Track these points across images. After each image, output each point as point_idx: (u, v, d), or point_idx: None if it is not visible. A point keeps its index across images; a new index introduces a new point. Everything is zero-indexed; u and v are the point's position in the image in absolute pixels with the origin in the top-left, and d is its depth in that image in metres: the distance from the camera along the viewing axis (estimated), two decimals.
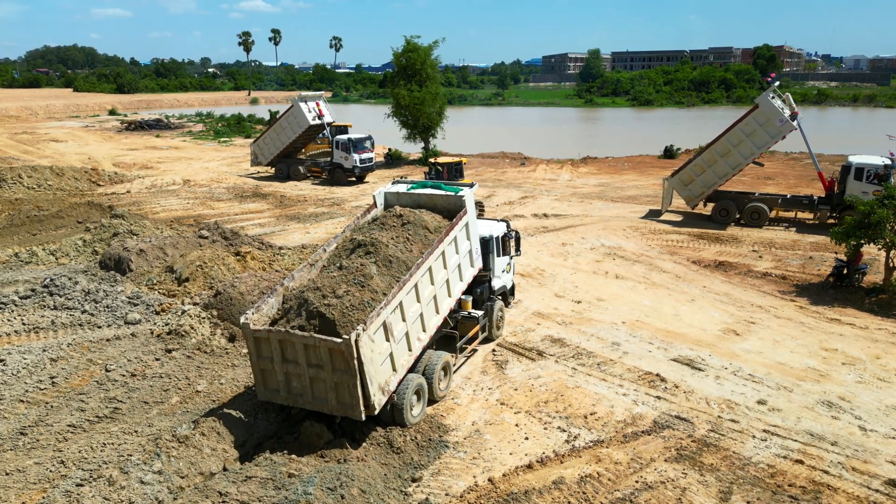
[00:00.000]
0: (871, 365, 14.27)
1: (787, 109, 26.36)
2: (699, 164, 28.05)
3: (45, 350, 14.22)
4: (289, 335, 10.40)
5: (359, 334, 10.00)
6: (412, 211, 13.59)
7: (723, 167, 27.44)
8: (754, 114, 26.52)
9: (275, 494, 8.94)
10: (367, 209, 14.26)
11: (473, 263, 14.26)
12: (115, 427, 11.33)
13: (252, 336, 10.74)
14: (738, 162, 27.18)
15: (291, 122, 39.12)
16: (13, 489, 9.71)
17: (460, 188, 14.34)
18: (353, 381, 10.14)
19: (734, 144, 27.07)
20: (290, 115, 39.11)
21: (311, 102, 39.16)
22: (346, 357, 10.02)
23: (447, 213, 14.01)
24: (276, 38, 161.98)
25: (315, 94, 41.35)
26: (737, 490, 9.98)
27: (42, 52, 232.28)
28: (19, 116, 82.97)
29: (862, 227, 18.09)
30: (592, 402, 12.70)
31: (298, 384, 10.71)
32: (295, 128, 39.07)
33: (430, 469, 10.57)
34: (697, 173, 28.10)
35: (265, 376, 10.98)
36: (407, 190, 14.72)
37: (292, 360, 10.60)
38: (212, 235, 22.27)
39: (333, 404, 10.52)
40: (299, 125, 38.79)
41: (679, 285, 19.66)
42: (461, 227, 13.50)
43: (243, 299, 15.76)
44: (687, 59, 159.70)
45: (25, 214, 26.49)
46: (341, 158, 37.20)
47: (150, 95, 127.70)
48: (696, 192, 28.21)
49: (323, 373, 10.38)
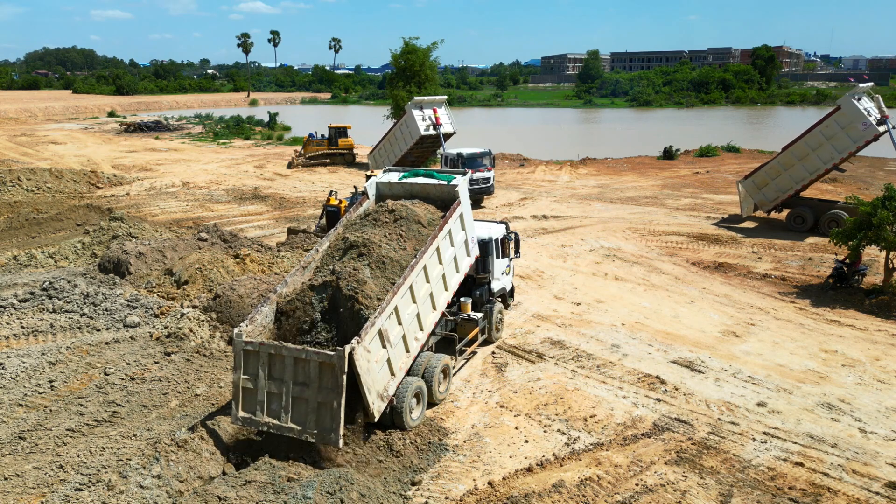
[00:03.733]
0: (870, 367, 14.26)
1: (875, 112, 24.96)
2: (775, 166, 26.38)
3: (43, 353, 14.19)
4: (280, 348, 10.17)
5: (353, 347, 9.78)
6: (404, 205, 13.16)
7: (800, 172, 25.61)
8: (835, 116, 24.92)
9: (274, 499, 8.92)
10: (359, 202, 13.91)
11: (469, 253, 13.94)
12: (114, 431, 11.30)
13: (241, 349, 10.39)
14: (816, 167, 25.32)
15: (404, 131, 35.07)
16: (12, 494, 9.69)
17: (453, 176, 13.91)
18: (338, 400, 9.79)
19: (813, 148, 25.25)
20: (402, 122, 35.08)
21: (426, 109, 34.40)
22: (337, 372, 9.73)
23: (440, 203, 13.62)
24: (275, 39, 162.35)
25: (432, 99, 36.07)
26: (737, 493, 9.97)
27: (41, 53, 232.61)
28: (18, 118, 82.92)
29: (862, 229, 18.09)
30: (592, 404, 12.68)
31: (278, 406, 10.28)
32: (407, 138, 34.84)
33: (430, 472, 10.55)
34: (772, 177, 26.39)
35: (244, 396, 10.49)
36: (399, 179, 14.23)
37: (278, 378, 10.24)
38: (211, 238, 22.24)
39: (311, 429, 10.03)
40: (411, 135, 34.51)
41: (678, 287, 19.66)
42: (455, 218, 13.10)
43: (242, 302, 15.74)
44: (686, 60, 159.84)
45: (24, 217, 26.46)
46: None
47: (150, 97, 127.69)
48: (771, 197, 26.52)
49: (307, 391, 10.03)
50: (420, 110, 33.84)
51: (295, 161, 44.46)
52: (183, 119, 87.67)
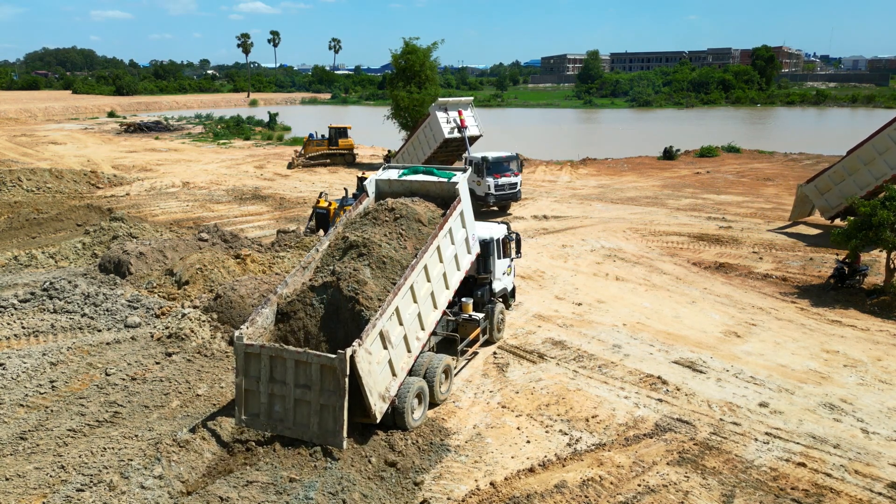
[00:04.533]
0: (872, 367, 14.24)
1: None
2: (839, 171, 25.06)
3: (44, 354, 14.18)
4: (282, 351, 10.16)
5: (354, 350, 9.75)
6: (404, 203, 13.07)
7: (866, 177, 24.09)
8: None
9: (276, 499, 8.91)
10: (359, 199, 13.81)
11: (470, 250, 13.88)
12: (116, 431, 11.29)
13: (243, 352, 10.37)
14: (883, 172, 23.67)
15: (427, 134, 32.34)
16: (13, 494, 9.67)
17: (453, 173, 13.81)
18: (341, 402, 9.79)
19: (880, 152, 23.75)
20: (426, 125, 32.41)
21: (451, 111, 31.78)
22: (338, 375, 9.71)
23: (441, 200, 13.55)
24: (275, 39, 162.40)
25: (458, 100, 33.17)
26: (739, 493, 9.95)
27: (41, 54, 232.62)
28: (18, 119, 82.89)
29: (863, 229, 18.09)
30: (594, 404, 12.67)
31: (281, 407, 10.30)
32: (431, 141, 32.08)
33: (432, 473, 10.53)
34: (836, 181, 25.13)
35: (247, 398, 10.53)
36: (399, 176, 14.12)
37: (280, 380, 10.23)
38: (211, 238, 22.23)
39: (315, 430, 10.11)
40: (434, 138, 31.83)
41: (679, 287, 19.65)
42: (455, 217, 13.01)
43: (243, 302, 15.73)
44: (686, 60, 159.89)
45: (24, 217, 26.45)
46: (472, 182, 27.34)
47: (149, 97, 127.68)
48: (834, 203, 25.21)
49: (310, 394, 10.03)
50: (444, 112, 31.59)
51: (295, 161, 44.49)
52: (183, 119, 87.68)
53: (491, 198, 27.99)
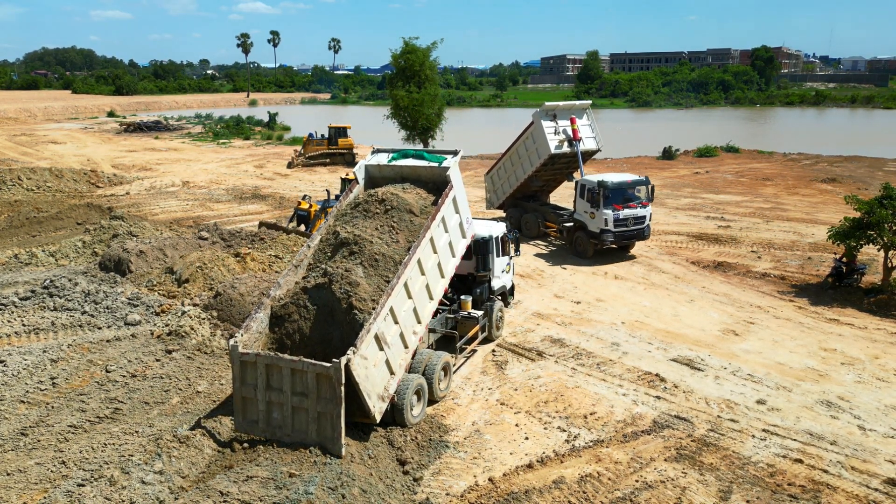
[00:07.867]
0: (869, 365, 14.30)
1: None
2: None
3: (45, 351, 14.22)
4: (277, 360, 10.06)
5: (349, 358, 9.67)
6: (395, 193, 12.70)
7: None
8: None
9: (276, 494, 8.95)
10: (350, 188, 13.51)
11: (465, 234, 13.62)
12: (116, 427, 11.34)
13: (239, 360, 10.26)
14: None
15: (529, 148, 24.80)
16: (14, 489, 9.71)
17: (444, 157, 13.41)
18: (338, 410, 9.74)
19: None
20: (527, 136, 24.86)
21: (561, 119, 24.32)
22: (334, 383, 9.65)
23: (432, 185, 13.23)
24: (274, 39, 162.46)
25: (570, 105, 25.27)
26: (736, 489, 10.01)
27: (40, 53, 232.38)
28: (18, 118, 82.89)
29: (861, 228, 18.13)
30: (592, 402, 12.73)
31: (279, 415, 10.23)
32: (533, 157, 24.55)
33: (431, 469, 10.59)
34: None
35: (245, 405, 10.45)
36: (388, 161, 13.62)
37: (277, 388, 10.14)
38: (211, 237, 22.28)
39: (313, 437, 9.99)
40: (538, 153, 24.26)
41: (678, 286, 19.70)
42: (448, 204, 12.71)
43: (243, 300, 15.78)
44: (685, 61, 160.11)
45: (25, 216, 26.50)
46: (584, 215, 22.03)
47: (149, 97, 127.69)
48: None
49: (307, 401, 9.95)
50: (552, 121, 24.10)
51: (295, 161, 44.53)
52: (182, 119, 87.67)
53: (609, 235, 21.34)
